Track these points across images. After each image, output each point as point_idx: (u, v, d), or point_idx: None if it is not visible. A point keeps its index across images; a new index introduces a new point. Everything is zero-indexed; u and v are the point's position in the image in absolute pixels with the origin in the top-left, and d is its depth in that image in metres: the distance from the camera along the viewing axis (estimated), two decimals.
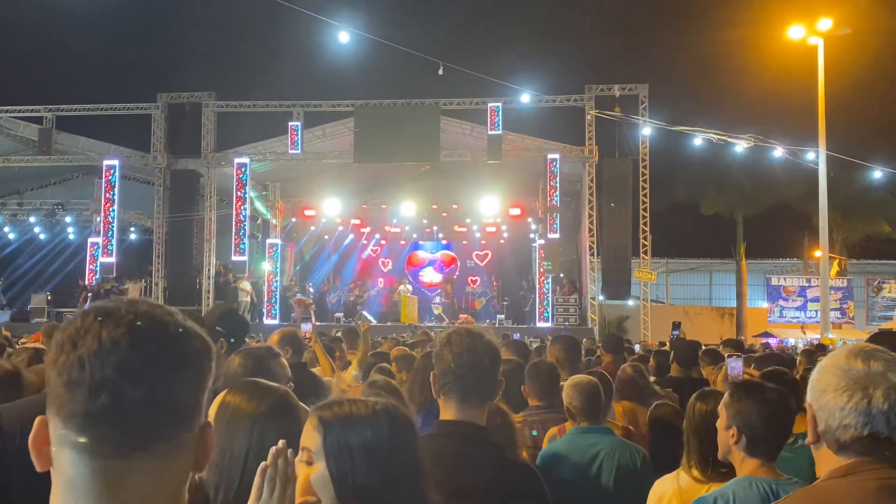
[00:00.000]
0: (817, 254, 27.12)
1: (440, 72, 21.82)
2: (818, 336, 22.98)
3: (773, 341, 26.96)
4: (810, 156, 23.70)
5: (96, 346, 1.07)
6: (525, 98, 24.22)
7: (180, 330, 1.14)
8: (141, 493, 1.08)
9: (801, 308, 34.05)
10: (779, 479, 2.85)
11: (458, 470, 2.60)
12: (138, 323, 1.11)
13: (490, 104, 23.62)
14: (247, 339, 5.44)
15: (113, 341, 1.08)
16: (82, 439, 1.06)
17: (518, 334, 16.50)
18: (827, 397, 1.83)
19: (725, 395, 3.04)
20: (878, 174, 27.92)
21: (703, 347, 9.27)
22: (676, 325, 22.52)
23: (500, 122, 23.54)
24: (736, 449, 2.91)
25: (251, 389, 2.33)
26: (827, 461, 1.86)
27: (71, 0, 31.99)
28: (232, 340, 4.18)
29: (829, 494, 1.79)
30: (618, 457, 4.06)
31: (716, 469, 3.07)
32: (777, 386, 3.24)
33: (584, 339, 12.99)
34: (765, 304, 35.00)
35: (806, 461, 3.90)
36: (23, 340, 11.12)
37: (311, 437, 1.82)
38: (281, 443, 1.76)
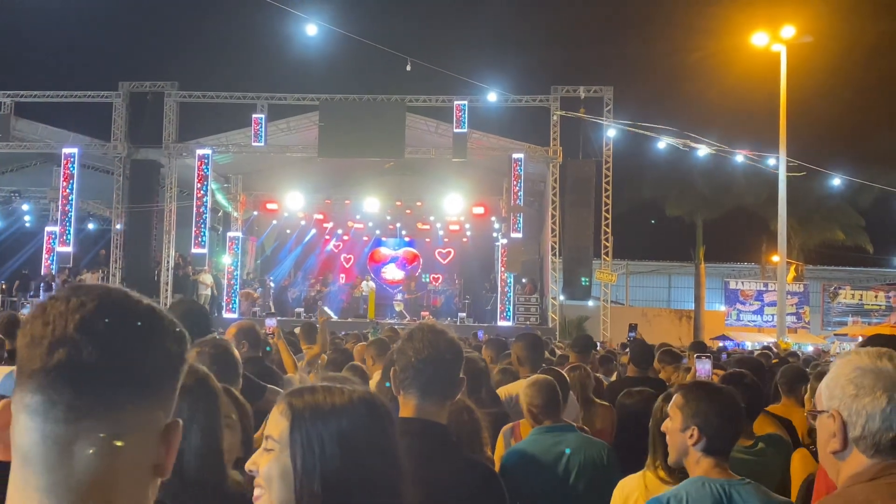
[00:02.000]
0: (775, 258, 27.53)
1: (408, 68, 21.83)
2: (774, 339, 23.31)
3: (729, 344, 27.28)
4: (771, 161, 24.03)
5: (63, 307, 1.06)
6: (491, 97, 24.27)
7: (154, 309, 1.12)
8: (93, 467, 1.03)
9: (758, 312, 34.52)
10: (731, 479, 2.86)
11: (416, 469, 2.57)
12: (111, 293, 1.10)
13: (456, 102, 23.63)
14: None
15: (81, 304, 1.06)
16: (36, 398, 1.03)
17: (481, 332, 16.51)
18: (863, 401, 1.79)
19: (677, 396, 3.04)
20: (836, 182, 28.39)
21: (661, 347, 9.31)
22: (633, 327, 22.67)
23: (466, 121, 23.57)
24: (693, 449, 2.91)
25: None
26: (852, 467, 1.82)
27: None
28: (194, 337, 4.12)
29: (857, 500, 1.75)
30: (584, 453, 4.07)
31: (682, 469, 3.08)
32: (729, 387, 3.30)
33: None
34: (722, 308, 35.43)
35: (774, 463, 3.97)
36: None
37: (276, 423, 1.69)
38: None
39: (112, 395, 1.04)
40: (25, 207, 29.39)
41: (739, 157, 25.20)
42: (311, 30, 20.17)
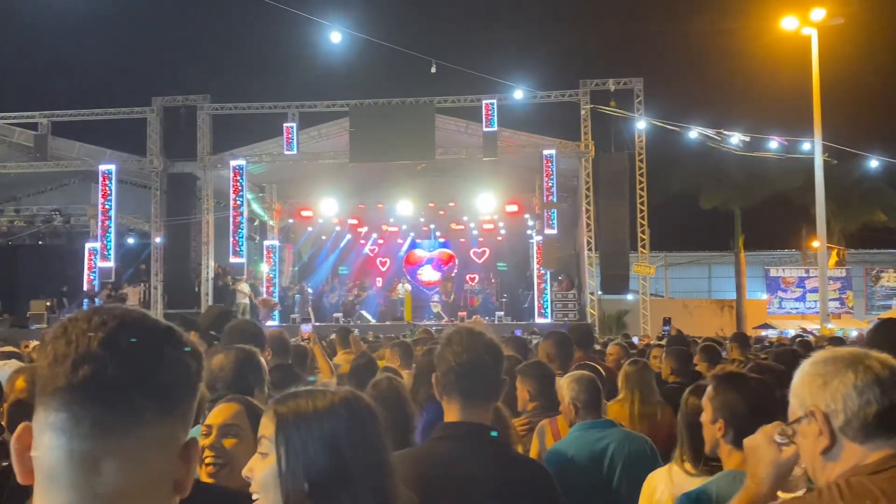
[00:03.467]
0: (815, 244, 27.15)
1: (433, 70, 21.85)
2: (817, 326, 23.00)
3: (772, 332, 26.95)
4: (806, 146, 23.72)
5: (85, 326, 1.08)
6: (519, 94, 24.20)
7: (172, 328, 1.15)
8: (118, 484, 1.05)
9: (800, 299, 34.10)
10: None
11: (467, 472, 2.58)
12: (131, 313, 1.13)
13: (485, 101, 23.60)
14: None
15: (102, 322, 1.09)
16: (61, 416, 1.04)
17: (519, 331, 16.50)
18: (833, 385, 1.77)
19: (709, 388, 3.01)
20: (874, 163, 27.93)
21: (701, 341, 9.15)
22: (667, 321, 22.58)
23: (496, 119, 23.52)
24: (724, 442, 2.88)
25: None
26: (850, 460, 1.77)
27: (64, 6, 31.96)
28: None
29: (863, 492, 1.69)
30: (627, 447, 4.06)
31: (708, 463, 3.06)
32: (760, 377, 3.21)
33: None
34: (764, 296, 35.03)
35: None
36: (25, 344, 11.03)
37: (266, 429, 1.78)
38: None
39: (137, 410, 1.06)
40: (66, 225, 29.83)
41: (773, 144, 24.89)
42: (336, 37, 20.31)
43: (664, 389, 5.76)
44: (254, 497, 1.77)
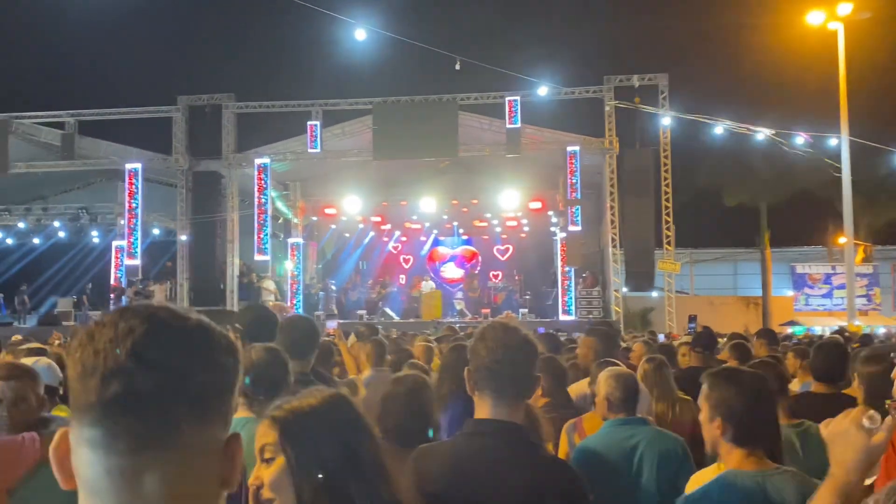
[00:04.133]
0: (842, 240, 26.87)
1: (457, 66, 21.82)
2: (845, 323, 22.78)
3: (799, 329, 26.74)
4: (832, 142, 23.49)
5: (112, 334, 1.04)
6: (543, 91, 24.13)
7: (203, 325, 1.11)
8: (162, 495, 1.03)
9: (827, 296, 33.80)
10: (765, 469, 2.76)
11: (495, 470, 2.55)
12: (159, 314, 1.08)
13: (508, 98, 23.57)
14: None
15: (129, 329, 1.04)
16: (96, 432, 1.02)
17: (542, 328, 16.45)
18: None
19: (703, 386, 2.93)
20: None
21: (728, 338, 9.09)
22: (693, 318, 22.47)
23: (519, 116, 23.48)
24: (723, 441, 2.81)
25: None
26: None
27: (89, 6, 32.23)
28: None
29: None
30: (658, 445, 4.00)
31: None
32: (753, 370, 3.14)
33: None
34: (790, 293, 34.75)
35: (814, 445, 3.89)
36: (52, 339, 11.10)
37: (267, 436, 1.89)
38: None
39: (173, 422, 1.04)
40: (93, 223, 30.13)
41: (800, 139, 24.67)
42: (360, 34, 20.31)
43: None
44: (267, 501, 1.83)
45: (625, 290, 25.65)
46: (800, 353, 7.20)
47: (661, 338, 13.57)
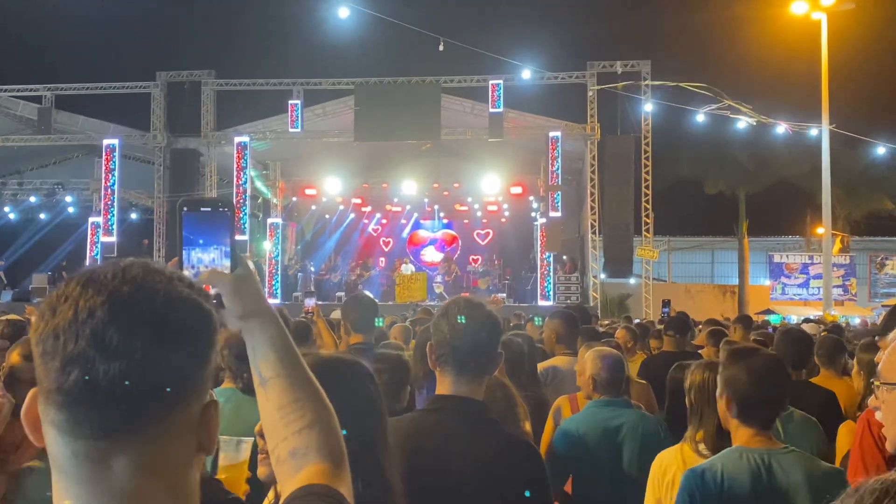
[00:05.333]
0: (820, 231, 27.06)
1: (441, 48, 21.73)
2: (820, 313, 22.95)
3: (775, 318, 26.93)
4: (813, 132, 23.59)
5: (72, 314, 0.98)
6: (526, 75, 24.07)
7: (171, 299, 1.03)
8: (133, 480, 0.98)
9: (803, 285, 34.10)
10: (772, 448, 2.77)
11: (453, 446, 2.54)
12: (122, 289, 1.01)
13: (491, 81, 23.47)
14: None
15: (89, 310, 0.98)
16: (60, 416, 0.97)
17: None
18: None
19: (721, 361, 2.98)
20: (881, 150, 27.80)
21: (703, 324, 9.10)
22: (666, 303, 22.57)
23: (502, 100, 23.39)
24: (730, 416, 2.84)
25: None
26: None
27: None
28: None
29: None
30: (641, 428, 4.03)
31: (720, 443, 3.02)
32: (767, 350, 3.18)
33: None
34: (767, 282, 35.02)
35: (810, 432, 3.90)
36: (28, 312, 10.98)
37: None
38: None
39: (139, 410, 0.99)
40: (69, 199, 29.85)
41: (781, 129, 24.76)
42: (344, 12, 20.19)
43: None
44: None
45: (603, 276, 25.71)
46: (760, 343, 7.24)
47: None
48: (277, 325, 1.40)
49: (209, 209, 1.49)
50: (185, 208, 1.47)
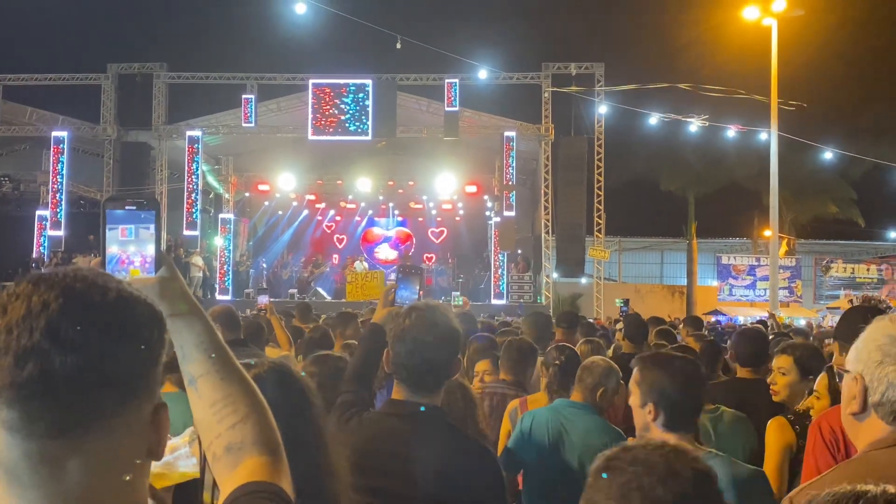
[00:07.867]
0: (767, 233, 27.54)
1: (398, 45, 21.69)
2: (766, 314, 23.36)
3: (722, 319, 27.36)
4: (762, 136, 24.01)
5: (24, 309, 0.97)
6: (482, 75, 24.15)
7: (124, 296, 1.04)
8: (86, 481, 0.98)
9: (750, 286, 34.64)
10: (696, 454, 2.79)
11: (408, 451, 2.54)
12: (75, 285, 1.01)
13: (447, 80, 23.49)
14: None
15: (43, 304, 0.98)
16: (12, 414, 0.95)
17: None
18: (886, 370, 1.83)
19: (635, 371, 2.91)
20: (827, 155, 28.39)
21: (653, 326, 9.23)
22: (626, 302, 22.79)
23: (457, 99, 23.44)
24: (654, 426, 2.79)
25: None
26: (871, 431, 1.87)
27: None
28: None
29: (879, 465, 1.77)
30: (599, 438, 3.90)
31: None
32: (685, 355, 3.15)
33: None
34: (715, 283, 35.51)
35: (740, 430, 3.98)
36: None
37: None
38: None
39: (94, 404, 0.98)
40: (15, 192, 29.16)
41: (731, 132, 25.17)
42: (301, 8, 20.06)
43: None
44: None
45: (555, 275, 25.90)
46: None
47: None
48: (205, 322, 1.40)
49: (134, 207, 1.47)
50: (108, 205, 1.45)
